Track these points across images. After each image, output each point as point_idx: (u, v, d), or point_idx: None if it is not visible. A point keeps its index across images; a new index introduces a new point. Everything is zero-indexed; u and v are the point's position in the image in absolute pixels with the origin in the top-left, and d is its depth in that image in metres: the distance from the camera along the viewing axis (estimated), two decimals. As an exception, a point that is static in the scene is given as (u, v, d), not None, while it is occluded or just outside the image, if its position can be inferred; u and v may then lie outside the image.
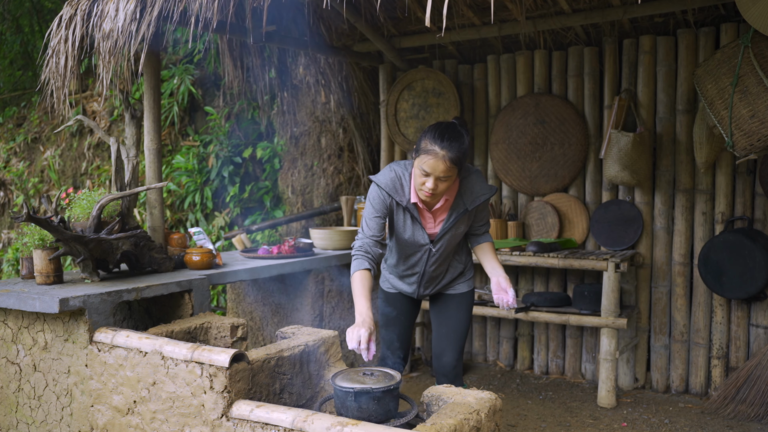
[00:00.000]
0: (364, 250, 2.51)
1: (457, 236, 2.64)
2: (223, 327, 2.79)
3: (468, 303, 2.81)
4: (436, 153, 2.33)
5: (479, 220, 2.68)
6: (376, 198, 2.54)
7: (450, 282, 2.80)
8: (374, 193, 2.55)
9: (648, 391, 4.19)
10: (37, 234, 2.82)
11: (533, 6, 4.04)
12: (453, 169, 2.37)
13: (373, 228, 2.53)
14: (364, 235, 2.54)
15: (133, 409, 2.38)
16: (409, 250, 2.65)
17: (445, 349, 2.77)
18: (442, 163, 2.33)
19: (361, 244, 2.53)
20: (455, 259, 2.76)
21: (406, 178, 2.54)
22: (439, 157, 2.33)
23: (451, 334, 2.77)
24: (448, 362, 2.75)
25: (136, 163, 3.12)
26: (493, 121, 4.64)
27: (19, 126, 7.78)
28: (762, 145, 3.31)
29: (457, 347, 2.77)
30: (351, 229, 4.20)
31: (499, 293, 2.59)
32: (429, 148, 2.35)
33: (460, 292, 2.80)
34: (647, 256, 4.17)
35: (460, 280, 2.81)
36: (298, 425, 1.94)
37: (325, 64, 4.97)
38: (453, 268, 2.77)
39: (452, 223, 2.56)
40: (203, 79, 6.24)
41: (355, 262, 2.50)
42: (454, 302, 2.79)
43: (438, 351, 2.79)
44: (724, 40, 3.80)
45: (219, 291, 5.57)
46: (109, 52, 2.97)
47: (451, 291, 2.81)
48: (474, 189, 2.55)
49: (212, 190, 5.91)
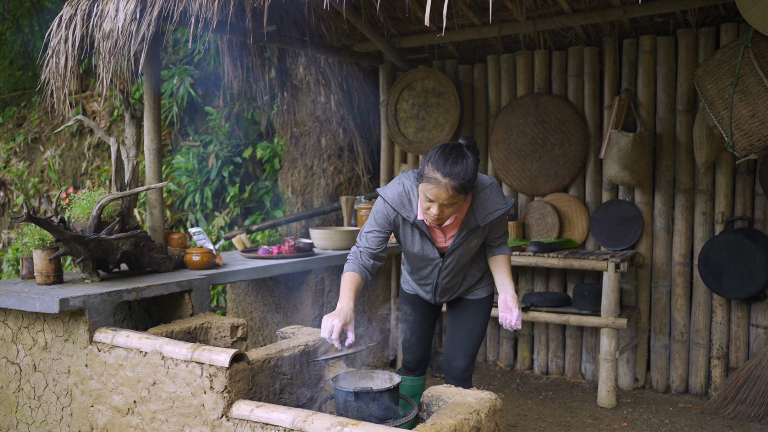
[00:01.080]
0: (355, 257, 2.46)
1: (470, 250, 2.55)
2: (223, 327, 2.79)
3: (485, 309, 2.77)
4: (438, 181, 2.22)
5: (495, 233, 2.56)
6: (380, 213, 2.46)
7: (468, 288, 2.75)
8: (380, 206, 2.46)
9: (648, 391, 4.19)
10: (37, 234, 2.82)
11: (533, 6, 4.04)
12: (457, 196, 2.26)
13: (370, 241, 2.46)
14: (360, 246, 2.48)
15: (133, 409, 2.38)
16: (420, 263, 2.60)
17: (457, 354, 2.73)
18: (444, 192, 2.22)
19: (354, 252, 2.48)
20: (473, 267, 2.69)
21: (415, 193, 2.42)
22: (441, 186, 2.21)
23: (465, 340, 2.73)
24: (458, 366, 2.72)
25: (136, 163, 3.12)
26: (493, 121, 4.64)
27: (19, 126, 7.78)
28: (762, 145, 3.31)
29: (469, 353, 2.72)
30: (351, 229, 4.20)
31: (504, 312, 2.51)
32: (431, 175, 2.23)
33: (479, 298, 2.75)
34: (647, 256, 4.17)
35: (479, 285, 2.75)
36: (298, 425, 1.94)
37: (325, 64, 4.97)
38: (471, 276, 2.70)
39: (463, 239, 2.47)
40: (203, 79, 6.24)
41: (347, 265, 2.46)
42: (471, 308, 2.75)
43: (450, 355, 2.75)
44: (724, 40, 3.80)
45: (219, 291, 5.57)
46: (109, 52, 2.97)
47: (469, 296, 2.76)
48: (487, 205, 2.44)
49: (212, 190, 5.91)
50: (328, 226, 5.33)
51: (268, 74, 4.95)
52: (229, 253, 4.06)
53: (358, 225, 4.56)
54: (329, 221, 5.38)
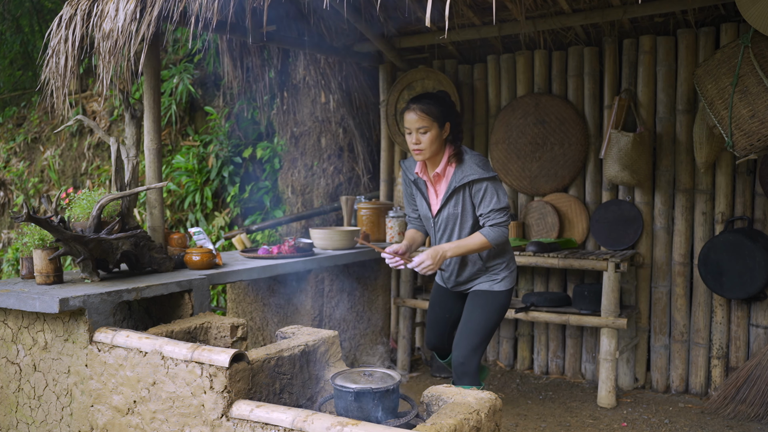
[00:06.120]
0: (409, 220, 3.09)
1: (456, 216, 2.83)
2: (223, 327, 2.79)
3: (485, 302, 2.85)
4: (408, 108, 2.75)
5: (480, 207, 2.79)
6: (403, 179, 3.00)
7: (471, 277, 2.93)
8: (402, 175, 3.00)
9: (648, 391, 4.19)
10: (37, 234, 2.82)
11: (533, 6, 4.04)
12: (426, 118, 2.72)
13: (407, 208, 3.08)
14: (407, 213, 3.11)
15: (133, 409, 2.38)
16: (427, 225, 2.99)
17: (457, 344, 2.84)
18: (414, 114, 2.73)
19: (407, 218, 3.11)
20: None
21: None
22: (410, 110, 2.74)
23: (464, 330, 2.84)
24: (455, 357, 2.81)
25: (136, 163, 3.12)
26: (493, 121, 4.64)
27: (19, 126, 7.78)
28: (762, 145, 3.31)
29: (465, 344, 2.79)
30: (351, 229, 4.20)
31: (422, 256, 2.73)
32: (405, 107, 2.80)
33: (480, 290, 2.89)
34: (647, 256, 4.17)
35: (481, 276, 2.91)
36: (298, 425, 1.94)
37: (325, 64, 4.97)
38: (471, 263, 2.91)
39: (446, 197, 2.81)
40: (203, 79, 6.24)
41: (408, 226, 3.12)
42: (473, 299, 2.90)
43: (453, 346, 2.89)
44: (724, 40, 3.80)
45: (219, 291, 5.57)
46: (109, 52, 2.97)
47: (473, 287, 2.94)
48: (464, 169, 2.77)
49: (212, 190, 5.91)
50: (328, 226, 5.33)
51: (268, 74, 4.95)
52: (229, 253, 4.06)
53: (358, 225, 4.56)
54: (329, 221, 5.38)
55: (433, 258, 2.70)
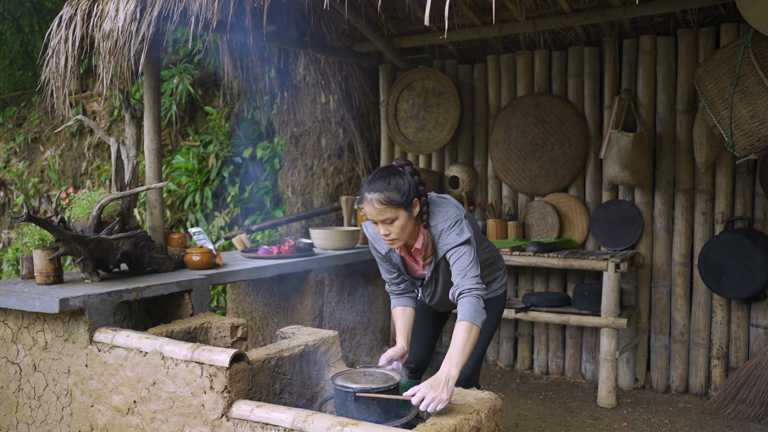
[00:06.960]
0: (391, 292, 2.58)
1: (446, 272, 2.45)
2: (223, 327, 2.79)
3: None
4: (365, 199, 2.26)
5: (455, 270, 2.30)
6: (370, 245, 2.53)
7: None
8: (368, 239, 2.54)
9: (648, 391, 4.19)
10: (37, 234, 2.82)
11: (533, 6, 4.04)
12: (388, 209, 2.22)
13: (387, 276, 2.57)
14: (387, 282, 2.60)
15: (133, 409, 2.38)
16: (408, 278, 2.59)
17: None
18: (371, 207, 2.24)
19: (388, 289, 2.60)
20: None
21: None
22: (368, 202, 2.25)
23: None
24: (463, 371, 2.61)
25: (136, 163, 3.12)
26: (493, 121, 4.64)
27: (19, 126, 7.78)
28: (762, 145, 3.31)
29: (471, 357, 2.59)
30: (351, 229, 4.20)
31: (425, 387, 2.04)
32: (362, 197, 2.29)
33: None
34: (647, 256, 4.17)
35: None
36: (298, 425, 1.94)
37: (325, 64, 4.97)
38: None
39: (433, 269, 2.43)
40: (203, 79, 6.24)
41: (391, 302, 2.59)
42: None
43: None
44: (724, 40, 3.80)
45: (219, 291, 5.57)
46: (109, 52, 2.97)
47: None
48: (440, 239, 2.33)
49: (212, 190, 5.91)
50: (328, 226, 5.33)
51: (268, 74, 4.95)
52: (229, 253, 4.06)
53: (358, 225, 4.56)
54: (329, 221, 5.38)
55: (436, 388, 2.02)
